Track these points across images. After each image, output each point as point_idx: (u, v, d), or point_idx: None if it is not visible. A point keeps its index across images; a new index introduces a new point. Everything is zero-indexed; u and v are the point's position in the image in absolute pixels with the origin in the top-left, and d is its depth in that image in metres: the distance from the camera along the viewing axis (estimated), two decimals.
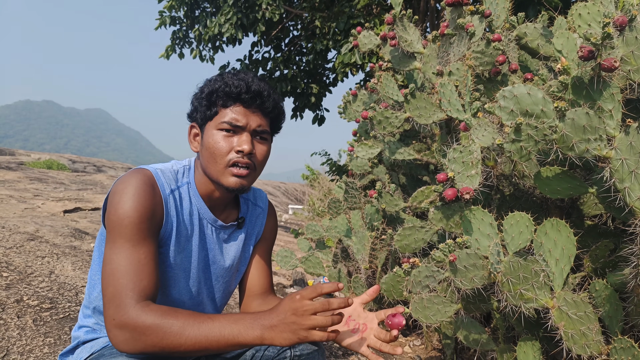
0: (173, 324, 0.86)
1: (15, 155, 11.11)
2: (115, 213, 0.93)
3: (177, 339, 0.85)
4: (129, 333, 0.86)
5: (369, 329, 1.04)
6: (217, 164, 1.03)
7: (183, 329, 0.86)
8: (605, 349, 1.17)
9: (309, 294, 0.89)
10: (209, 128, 1.05)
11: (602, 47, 1.05)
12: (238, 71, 1.09)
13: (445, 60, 1.85)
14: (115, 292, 0.89)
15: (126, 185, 0.96)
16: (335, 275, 2.40)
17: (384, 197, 1.97)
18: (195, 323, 0.87)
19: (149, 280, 0.92)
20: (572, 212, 1.57)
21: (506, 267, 1.17)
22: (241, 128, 1.03)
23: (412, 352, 2.10)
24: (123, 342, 0.87)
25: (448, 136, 1.97)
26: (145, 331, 0.85)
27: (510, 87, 1.15)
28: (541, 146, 1.15)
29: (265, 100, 1.06)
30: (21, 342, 1.48)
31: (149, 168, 1.04)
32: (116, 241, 0.92)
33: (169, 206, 1.02)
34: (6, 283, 1.88)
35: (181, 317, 0.87)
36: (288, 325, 0.87)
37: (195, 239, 1.10)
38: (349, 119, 2.64)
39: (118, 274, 0.90)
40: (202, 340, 0.86)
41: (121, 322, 0.86)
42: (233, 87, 1.02)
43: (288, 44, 7.22)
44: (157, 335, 0.85)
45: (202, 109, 1.05)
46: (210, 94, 1.04)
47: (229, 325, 0.87)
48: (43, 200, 4.33)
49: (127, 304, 0.87)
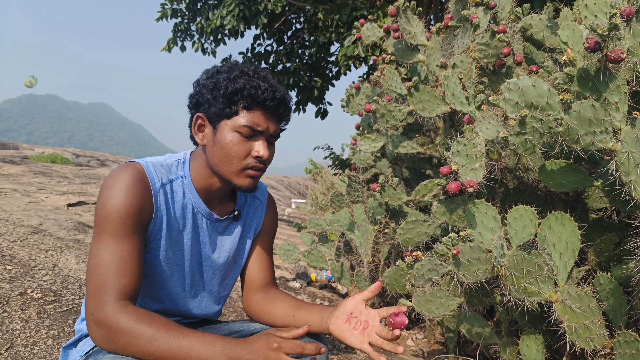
0: (145, 331, 0.86)
1: (19, 149, 11.15)
2: (102, 207, 0.94)
3: (146, 347, 0.86)
4: (103, 331, 0.87)
5: (370, 326, 1.03)
6: (233, 165, 1.02)
7: (153, 339, 0.86)
8: (609, 343, 1.17)
9: (289, 348, 0.87)
10: (224, 127, 1.01)
11: (608, 38, 1.04)
12: (257, 69, 1.05)
13: (449, 52, 1.83)
14: (96, 287, 0.89)
15: (115, 180, 0.96)
16: (338, 268, 2.40)
17: (387, 190, 1.96)
18: (167, 336, 0.87)
19: (131, 277, 0.92)
20: (576, 205, 1.56)
21: (510, 261, 1.17)
22: (260, 133, 1.02)
23: (415, 345, 2.11)
24: (98, 339, 0.88)
25: (452, 129, 1.96)
26: (117, 332, 0.86)
27: (515, 79, 1.14)
28: (546, 139, 1.14)
29: (286, 109, 1.05)
30: (25, 334, 1.49)
31: (140, 161, 1.03)
32: (101, 236, 0.93)
33: (159, 200, 1.02)
34: (10, 276, 1.89)
35: (154, 326, 0.87)
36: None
37: (188, 233, 1.09)
38: (352, 113, 2.63)
39: (100, 269, 0.90)
40: (169, 355, 0.86)
41: (98, 319, 0.87)
42: (260, 91, 0.99)
43: (290, 36, 7.19)
44: (127, 340, 0.86)
45: (220, 106, 1.01)
46: (234, 93, 0.99)
47: (198, 346, 0.87)
48: (47, 194, 4.35)
49: (105, 301, 0.88)
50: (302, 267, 3.14)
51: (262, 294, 1.21)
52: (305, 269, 3.13)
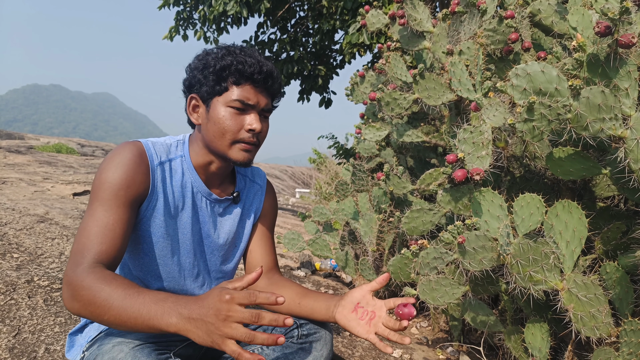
0: (102, 289, 0.83)
1: (24, 139, 11.19)
2: (98, 178, 0.97)
3: (102, 305, 0.83)
4: (70, 290, 0.86)
5: (377, 316, 1.03)
6: (226, 139, 1.04)
7: (109, 297, 0.83)
8: (614, 331, 1.16)
9: (241, 299, 0.79)
10: (216, 103, 1.05)
11: (619, 23, 1.01)
12: (243, 47, 1.08)
13: (456, 39, 1.81)
14: (76, 250, 0.90)
15: (114, 155, 0.99)
16: (343, 257, 2.40)
17: (391, 179, 1.95)
18: (122, 294, 0.83)
19: (110, 245, 0.92)
20: (584, 193, 1.54)
21: (516, 249, 1.16)
22: (252, 107, 1.05)
23: (419, 333, 2.11)
24: (65, 299, 0.88)
25: (457, 118, 1.94)
26: (80, 291, 0.85)
27: (523, 65, 1.12)
28: (554, 126, 1.12)
29: (274, 82, 1.08)
30: (32, 321, 1.51)
31: (141, 140, 1.07)
32: (93, 204, 0.95)
33: (156, 177, 1.04)
34: (17, 264, 1.91)
35: (113, 285, 0.84)
36: (205, 324, 0.79)
37: (188, 212, 1.11)
38: (356, 101, 2.61)
39: (84, 233, 0.92)
40: (122, 314, 0.82)
41: (67, 279, 0.87)
42: (247, 65, 1.03)
43: (294, 25, 7.12)
44: (87, 298, 0.84)
45: (210, 83, 1.04)
46: (222, 70, 1.03)
47: (149, 304, 0.82)
48: (52, 183, 4.37)
49: (80, 263, 0.88)
50: (307, 256, 3.15)
51: (266, 279, 1.22)
52: (310, 257, 3.14)
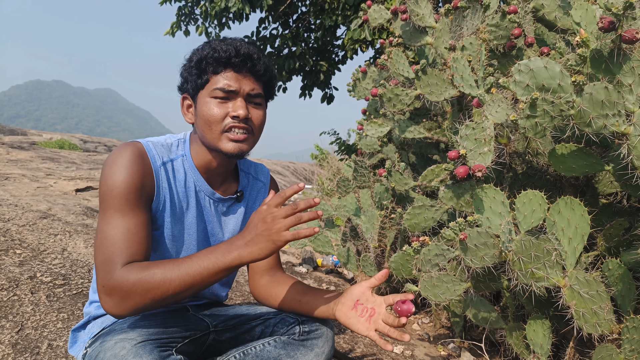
0: (155, 273, 0.87)
1: (27, 135, 11.21)
2: (105, 184, 0.96)
3: (162, 285, 0.87)
4: (117, 295, 0.87)
5: (377, 313, 1.03)
6: (213, 130, 1.03)
7: (164, 275, 0.87)
8: (616, 328, 1.16)
9: (275, 202, 0.90)
10: (201, 97, 1.04)
11: (623, 18, 1.00)
12: (225, 37, 1.07)
13: (458, 34, 1.80)
14: (104, 260, 0.90)
15: (115, 157, 0.98)
16: (344, 253, 2.40)
17: (393, 175, 1.95)
18: (175, 266, 0.89)
19: (138, 247, 0.93)
20: (586, 190, 1.54)
21: (518, 246, 1.15)
22: (234, 93, 1.03)
23: (421, 329, 2.11)
24: (113, 307, 0.88)
25: (459, 114, 1.93)
26: (131, 288, 0.87)
27: (526, 61, 1.11)
28: (557, 122, 1.11)
29: (255, 63, 1.05)
30: (35, 317, 1.51)
31: (141, 140, 1.05)
32: (107, 212, 0.94)
33: (160, 178, 1.03)
34: (19, 260, 1.91)
35: (161, 265, 0.89)
36: (261, 236, 0.89)
37: (192, 211, 1.10)
38: (358, 97, 2.60)
39: (107, 242, 0.91)
40: (185, 279, 0.87)
41: (109, 287, 0.88)
42: (222, 52, 1.02)
43: (296, 20, 7.09)
44: (143, 288, 0.86)
45: (193, 78, 1.04)
46: (200, 62, 1.03)
47: (205, 257, 0.90)
48: (55, 179, 4.38)
49: (114, 269, 0.89)
50: (309, 252, 3.15)
51: (268, 277, 1.22)
52: (312, 254, 3.14)
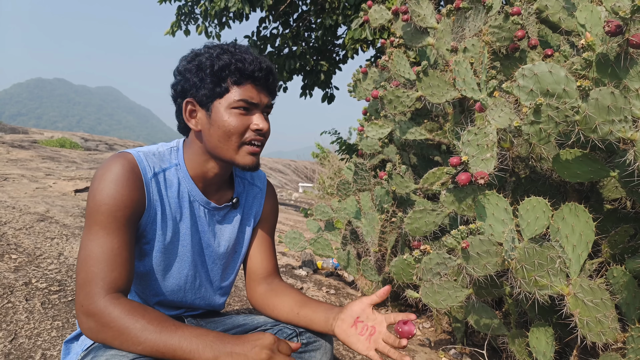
0: (136, 322, 0.85)
1: (28, 134, 11.21)
2: (93, 199, 0.93)
3: (136, 338, 0.85)
4: (93, 322, 0.86)
5: (377, 332, 1.00)
6: (231, 142, 1.00)
7: (143, 331, 0.85)
8: (621, 337, 1.14)
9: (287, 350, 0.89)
10: (218, 106, 1.00)
11: (630, 22, 0.98)
12: (236, 44, 1.04)
13: (460, 35, 1.77)
14: (86, 279, 0.89)
15: (105, 171, 0.95)
16: (344, 257, 2.38)
17: (394, 178, 1.92)
18: (157, 328, 0.86)
19: (121, 270, 0.91)
20: (590, 195, 1.51)
21: (521, 254, 1.13)
22: (256, 106, 1.02)
23: (422, 334, 2.09)
24: (88, 330, 0.88)
25: (461, 115, 1.91)
26: (108, 323, 0.85)
27: (530, 65, 1.08)
28: (562, 128, 1.09)
29: (275, 79, 1.05)
30: (29, 325, 1.49)
31: (132, 151, 1.01)
32: (92, 227, 0.92)
33: (152, 190, 1.00)
34: (15, 265, 1.89)
35: (147, 317, 0.87)
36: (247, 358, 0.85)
37: (186, 222, 1.07)
38: (359, 98, 2.57)
39: (90, 261, 0.90)
40: (160, 347, 0.85)
41: (89, 310, 0.87)
42: (247, 63, 0.99)
43: (297, 19, 7.06)
44: (118, 330, 0.85)
45: (209, 86, 0.99)
46: (221, 70, 0.98)
47: (189, 338, 0.86)
48: (55, 179, 4.36)
49: (96, 293, 0.87)
50: (308, 255, 3.13)
51: (265, 285, 1.19)
52: (312, 256, 3.12)
